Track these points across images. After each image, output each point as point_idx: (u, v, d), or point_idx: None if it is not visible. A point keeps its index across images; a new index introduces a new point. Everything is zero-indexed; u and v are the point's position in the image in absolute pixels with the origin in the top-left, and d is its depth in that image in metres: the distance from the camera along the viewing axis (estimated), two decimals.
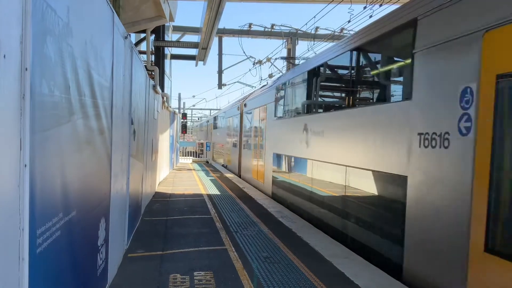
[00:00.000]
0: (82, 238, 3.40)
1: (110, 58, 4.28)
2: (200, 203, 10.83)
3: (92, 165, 3.69)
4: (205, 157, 34.27)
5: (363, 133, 6.48)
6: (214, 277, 5.16)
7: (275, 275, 5.29)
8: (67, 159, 2.89)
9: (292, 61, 20.04)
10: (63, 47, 2.70)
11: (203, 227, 7.98)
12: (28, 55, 2.12)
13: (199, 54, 17.43)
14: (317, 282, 5.07)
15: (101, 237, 4.19)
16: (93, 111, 3.58)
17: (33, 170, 2.21)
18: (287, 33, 22.43)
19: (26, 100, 2.12)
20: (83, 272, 3.49)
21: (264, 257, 6.07)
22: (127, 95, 5.67)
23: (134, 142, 6.72)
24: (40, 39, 2.30)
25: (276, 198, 11.84)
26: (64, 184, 2.81)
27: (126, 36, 5.46)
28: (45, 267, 2.49)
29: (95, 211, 3.90)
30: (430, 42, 4.92)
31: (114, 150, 4.59)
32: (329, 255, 6.18)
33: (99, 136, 3.85)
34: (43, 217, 2.41)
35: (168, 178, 17.24)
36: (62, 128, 2.74)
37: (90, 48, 3.38)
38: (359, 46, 6.95)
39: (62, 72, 2.70)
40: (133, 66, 6.14)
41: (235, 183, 15.79)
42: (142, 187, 8.52)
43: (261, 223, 8.40)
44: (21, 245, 2.12)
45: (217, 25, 13.15)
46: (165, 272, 5.28)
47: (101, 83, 3.84)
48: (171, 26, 21.55)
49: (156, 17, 13.57)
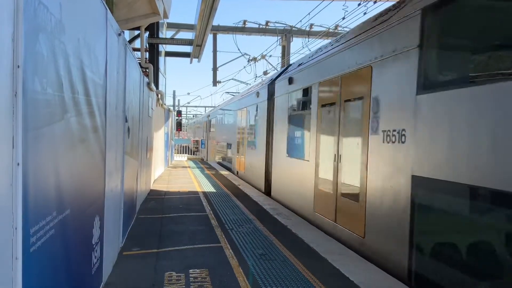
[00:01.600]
0: (76, 236, 3.38)
1: (103, 55, 4.25)
2: (195, 201, 10.81)
3: (86, 163, 3.67)
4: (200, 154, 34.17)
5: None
6: (209, 274, 5.16)
7: (270, 272, 5.30)
8: (61, 157, 2.87)
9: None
10: (56, 44, 2.67)
11: (199, 224, 7.98)
12: (20, 53, 2.10)
13: (194, 51, 17.37)
14: (312, 279, 5.08)
15: (96, 236, 4.17)
16: (87, 109, 3.55)
17: (26, 169, 2.19)
18: (282, 30, 22.43)
19: (19, 98, 2.10)
20: (77, 270, 3.47)
21: (259, 254, 6.08)
22: (121, 92, 5.64)
23: (129, 140, 6.69)
24: (32, 36, 2.27)
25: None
26: (57, 183, 2.80)
27: (120, 33, 5.43)
28: (39, 266, 2.47)
29: (90, 210, 3.88)
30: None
31: (108, 148, 4.57)
32: (324, 251, 6.19)
33: (93, 134, 3.82)
34: (37, 216, 2.40)
35: (163, 175, 17.20)
36: (55, 126, 2.72)
37: (83, 45, 3.35)
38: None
39: (55, 69, 2.67)
40: (127, 63, 6.10)
41: (230, 180, 15.79)
42: (137, 185, 8.50)
43: (257, 220, 8.40)
44: (14, 244, 2.10)
45: (211, 22, 13.10)
46: (160, 270, 5.27)
47: (95, 80, 3.81)
48: (165, 23, 21.48)
49: (150, 14, 13.49)
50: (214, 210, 9.46)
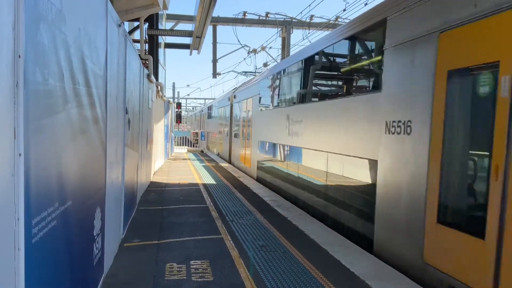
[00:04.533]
0: (78, 228, 3.39)
1: (104, 46, 4.22)
2: (195, 193, 10.83)
3: (87, 154, 3.66)
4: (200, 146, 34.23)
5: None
6: (210, 265, 5.18)
7: (271, 264, 5.32)
8: (62, 149, 2.86)
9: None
10: (57, 34, 2.64)
11: (199, 216, 7.99)
12: (21, 42, 2.07)
13: (193, 42, 17.27)
14: (313, 270, 5.10)
15: (97, 227, 4.17)
16: (88, 100, 3.53)
17: (27, 160, 2.18)
18: (282, 21, 22.29)
19: (20, 88, 2.08)
20: (79, 261, 3.48)
21: (260, 245, 6.10)
22: (121, 84, 5.61)
23: (129, 132, 6.67)
24: (33, 26, 2.25)
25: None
26: (59, 174, 2.79)
27: (120, 24, 5.38)
28: (41, 257, 2.47)
29: (91, 201, 3.88)
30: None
31: (109, 139, 4.55)
32: (324, 243, 6.22)
33: (93, 125, 3.81)
34: (39, 207, 2.39)
35: (163, 167, 17.21)
36: (56, 117, 2.70)
37: (83, 35, 3.32)
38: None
39: (55, 60, 2.65)
40: (127, 54, 6.06)
41: (230, 172, 15.80)
42: (137, 177, 8.50)
43: (257, 212, 8.42)
44: (16, 235, 2.09)
45: (211, 13, 13.01)
46: (161, 261, 5.29)
47: (95, 71, 3.79)
48: (165, 15, 21.31)
49: (150, 5, 13.37)
50: (214, 202, 9.47)
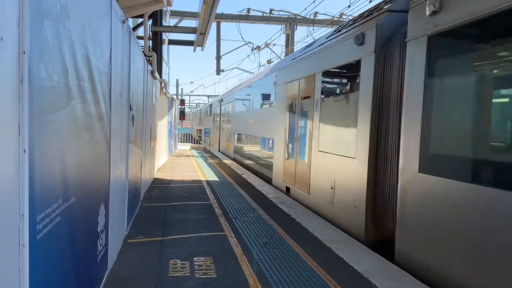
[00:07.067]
0: (82, 224, 3.39)
1: (108, 42, 4.21)
2: (199, 189, 10.84)
3: (91, 150, 3.66)
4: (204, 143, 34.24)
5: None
6: (214, 262, 5.18)
7: (274, 261, 5.32)
8: (66, 145, 2.86)
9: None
10: (61, 30, 2.64)
11: (202, 213, 8.00)
12: (26, 38, 2.07)
13: (197, 39, 17.24)
14: (316, 268, 5.10)
15: (101, 223, 4.18)
16: (92, 96, 3.53)
17: (32, 156, 2.18)
18: (286, 18, 22.22)
19: (25, 84, 2.07)
20: (83, 258, 3.49)
21: (263, 242, 6.10)
22: (125, 80, 5.61)
23: (133, 128, 6.67)
24: (38, 22, 2.24)
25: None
26: (63, 170, 2.79)
27: (124, 20, 5.38)
28: (46, 253, 2.47)
29: (95, 197, 3.89)
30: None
31: (113, 136, 4.56)
32: (328, 240, 6.21)
33: (97, 122, 3.81)
34: (43, 203, 2.39)
35: (167, 164, 17.23)
36: (61, 113, 2.70)
37: (88, 32, 3.32)
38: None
39: (60, 56, 2.65)
40: (131, 51, 6.06)
41: (234, 169, 15.80)
42: (141, 173, 8.51)
43: (260, 209, 8.42)
44: (21, 231, 2.10)
45: (215, 10, 12.97)
46: (165, 258, 5.30)
47: (99, 67, 3.78)
48: (169, 11, 21.28)
49: (154, 2, 13.35)
50: (217, 199, 9.48)
